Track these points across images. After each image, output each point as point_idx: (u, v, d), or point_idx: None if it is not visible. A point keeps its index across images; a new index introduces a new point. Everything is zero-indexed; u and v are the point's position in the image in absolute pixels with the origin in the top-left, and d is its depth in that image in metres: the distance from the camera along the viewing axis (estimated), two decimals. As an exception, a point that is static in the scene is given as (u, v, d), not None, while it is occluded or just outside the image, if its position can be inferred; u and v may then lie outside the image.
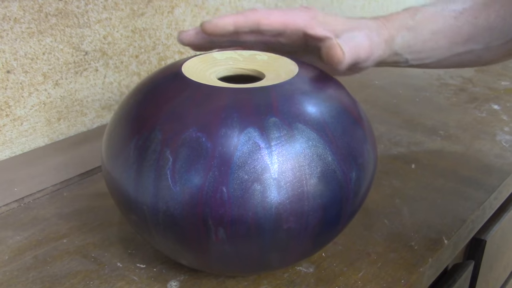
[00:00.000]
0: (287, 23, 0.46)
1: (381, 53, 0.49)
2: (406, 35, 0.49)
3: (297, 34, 0.47)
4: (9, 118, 0.64)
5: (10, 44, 0.61)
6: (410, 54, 0.50)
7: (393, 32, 0.49)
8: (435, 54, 0.51)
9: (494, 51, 0.51)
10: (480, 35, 0.50)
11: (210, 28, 0.47)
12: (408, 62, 0.51)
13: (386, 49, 0.49)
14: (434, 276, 0.50)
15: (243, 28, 0.47)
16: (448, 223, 0.52)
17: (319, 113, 0.39)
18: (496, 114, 0.77)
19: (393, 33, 0.49)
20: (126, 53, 0.74)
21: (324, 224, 0.39)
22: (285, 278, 0.45)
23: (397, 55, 0.50)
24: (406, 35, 0.49)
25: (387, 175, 0.61)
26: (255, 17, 0.46)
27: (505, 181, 0.60)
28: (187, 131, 0.36)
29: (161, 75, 0.43)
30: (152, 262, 0.47)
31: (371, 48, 0.47)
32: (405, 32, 0.49)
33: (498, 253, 0.72)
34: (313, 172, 0.37)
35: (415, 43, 0.50)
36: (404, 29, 0.49)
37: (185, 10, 0.80)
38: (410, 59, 0.51)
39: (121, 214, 0.47)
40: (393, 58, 0.51)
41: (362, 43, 0.46)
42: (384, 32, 0.49)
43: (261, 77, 0.44)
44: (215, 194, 0.35)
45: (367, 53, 0.47)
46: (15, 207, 0.55)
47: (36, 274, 0.46)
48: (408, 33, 0.49)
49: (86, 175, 0.61)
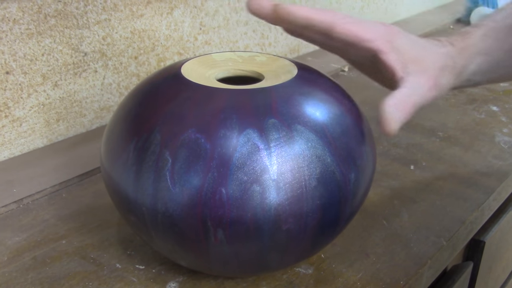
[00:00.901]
0: (362, 38, 0.42)
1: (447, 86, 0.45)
2: (480, 62, 0.46)
3: (368, 52, 0.43)
4: (8, 119, 0.64)
5: (9, 45, 0.62)
6: (482, 76, 0.47)
7: (464, 62, 0.45)
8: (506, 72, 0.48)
9: None
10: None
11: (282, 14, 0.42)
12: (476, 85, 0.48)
13: (457, 80, 0.46)
14: (433, 277, 0.50)
15: (314, 27, 0.42)
16: (447, 224, 0.52)
17: (318, 115, 0.39)
18: (495, 116, 0.77)
19: (464, 63, 0.45)
20: (125, 54, 0.74)
21: (323, 225, 0.39)
22: (284, 279, 0.45)
23: (468, 81, 0.47)
24: (480, 62, 0.46)
25: (386, 177, 0.61)
26: (331, 20, 0.41)
27: (504, 182, 0.60)
28: (186, 132, 0.36)
29: (160, 76, 0.43)
30: (151, 263, 0.47)
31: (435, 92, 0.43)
32: (478, 59, 0.46)
33: (497, 254, 0.72)
34: (312, 173, 0.37)
35: (489, 67, 0.46)
36: (477, 56, 0.46)
37: (184, 11, 0.80)
38: (480, 81, 0.48)
39: (120, 215, 0.47)
40: (461, 84, 0.47)
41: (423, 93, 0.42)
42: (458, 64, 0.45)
43: (260, 79, 0.44)
44: (214, 195, 0.35)
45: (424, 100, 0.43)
46: (14, 208, 0.55)
47: (35, 275, 0.46)
48: (482, 59, 0.46)
49: (85, 176, 0.61)
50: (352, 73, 0.95)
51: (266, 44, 0.97)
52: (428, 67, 0.43)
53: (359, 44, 0.42)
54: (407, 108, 0.41)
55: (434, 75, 0.43)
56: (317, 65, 0.95)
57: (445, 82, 0.44)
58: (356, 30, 0.41)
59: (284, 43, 1.01)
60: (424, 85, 0.42)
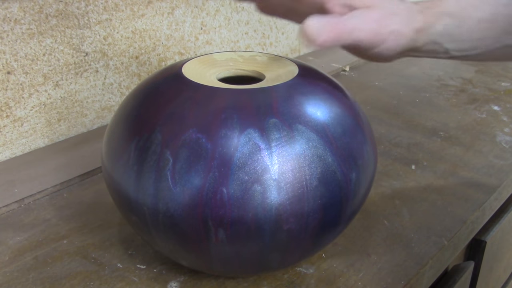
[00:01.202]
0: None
1: (405, 43, 0.44)
2: (448, 23, 0.44)
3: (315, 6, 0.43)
4: (10, 119, 0.64)
5: (10, 45, 0.62)
6: (452, 43, 0.46)
7: (432, 19, 0.44)
8: (481, 45, 0.46)
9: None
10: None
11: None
12: (449, 53, 0.47)
13: (419, 38, 0.44)
14: (434, 277, 0.50)
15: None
16: (448, 224, 0.52)
17: (319, 114, 0.39)
18: (496, 115, 0.77)
19: (432, 20, 0.44)
20: (126, 54, 0.74)
21: (324, 225, 0.39)
22: (285, 279, 0.45)
23: (435, 44, 0.45)
24: (448, 23, 0.44)
25: (387, 176, 0.61)
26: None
27: (505, 182, 0.60)
28: (187, 132, 0.37)
29: (161, 76, 0.43)
30: (152, 263, 0.47)
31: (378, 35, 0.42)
32: (447, 20, 0.45)
33: (498, 254, 0.72)
34: (313, 173, 0.37)
35: (459, 32, 0.45)
36: (446, 16, 0.45)
37: (185, 11, 0.80)
38: (451, 49, 0.46)
39: (121, 215, 0.47)
40: (430, 47, 0.46)
41: (362, 26, 0.41)
42: (417, 19, 0.44)
43: (261, 78, 0.44)
44: (215, 195, 0.35)
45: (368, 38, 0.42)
46: (15, 208, 0.55)
47: (36, 275, 0.46)
48: (450, 20, 0.45)
49: (86, 176, 0.61)
50: (353, 73, 0.95)
51: (267, 44, 0.97)
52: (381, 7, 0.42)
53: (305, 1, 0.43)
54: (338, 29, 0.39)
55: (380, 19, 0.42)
56: (318, 65, 0.95)
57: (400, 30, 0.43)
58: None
59: (285, 43, 1.01)
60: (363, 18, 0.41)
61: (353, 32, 0.40)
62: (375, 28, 0.42)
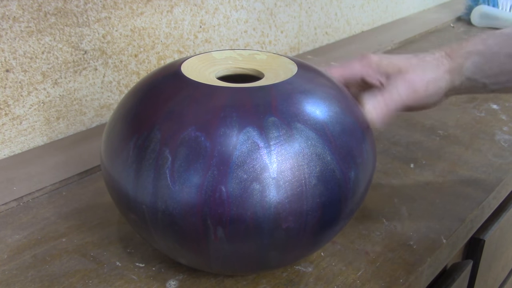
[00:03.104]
0: (346, 76, 0.50)
1: (444, 84, 0.49)
2: (476, 60, 0.48)
3: (358, 82, 0.50)
4: (8, 117, 0.64)
5: (9, 43, 0.61)
6: (487, 78, 0.49)
7: (460, 60, 0.49)
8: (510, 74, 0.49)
9: None
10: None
11: None
12: (487, 87, 0.50)
13: (454, 78, 0.49)
14: (433, 275, 0.50)
15: None
16: (446, 223, 0.52)
17: (318, 113, 0.39)
18: (495, 114, 0.77)
19: (460, 61, 0.49)
20: (125, 52, 0.74)
21: (323, 223, 0.39)
22: (284, 277, 0.45)
23: (471, 81, 0.49)
24: (477, 61, 0.48)
25: (385, 175, 0.61)
26: None
27: (504, 180, 0.60)
28: (186, 130, 0.36)
29: (160, 74, 0.43)
30: (151, 261, 0.47)
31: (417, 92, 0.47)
32: (475, 58, 0.49)
33: (496, 252, 0.72)
34: (312, 172, 0.37)
35: (490, 67, 0.49)
36: (473, 55, 0.49)
37: (184, 9, 0.80)
38: (488, 84, 0.50)
39: (120, 213, 0.47)
40: (468, 84, 0.49)
41: (403, 92, 0.47)
42: (445, 62, 0.49)
43: (260, 77, 0.44)
44: (214, 193, 0.35)
45: (412, 99, 0.47)
46: (14, 206, 0.55)
47: (35, 273, 0.46)
48: (479, 58, 0.48)
49: (85, 174, 0.61)
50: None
51: (266, 42, 0.97)
52: (407, 68, 0.48)
53: (349, 81, 0.50)
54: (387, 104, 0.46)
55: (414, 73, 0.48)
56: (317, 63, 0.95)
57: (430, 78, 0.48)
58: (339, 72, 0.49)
59: (284, 42, 1.01)
60: (400, 82, 0.47)
61: (398, 102, 0.47)
62: (414, 89, 0.47)
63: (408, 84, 0.47)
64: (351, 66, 0.50)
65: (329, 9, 1.08)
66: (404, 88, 0.47)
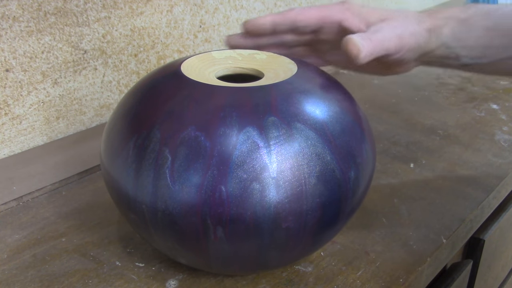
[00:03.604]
0: (323, 17, 0.47)
1: (423, 42, 0.47)
2: (456, 26, 0.47)
3: (334, 28, 0.47)
4: (8, 117, 0.64)
5: (9, 43, 0.61)
6: (462, 49, 0.48)
7: (439, 22, 0.47)
8: (491, 53, 0.48)
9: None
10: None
11: (250, 27, 0.49)
12: (460, 59, 0.49)
13: (432, 39, 0.47)
14: (433, 275, 0.50)
15: (281, 26, 0.48)
16: (446, 223, 0.52)
17: (318, 112, 0.39)
18: (495, 114, 0.77)
19: (440, 23, 0.47)
20: (125, 52, 0.74)
21: (322, 223, 0.39)
22: (284, 277, 0.45)
23: (446, 48, 0.48)
24: (456, 27, 0.47)
25: (385, 175, 0.61)
26: (291, 15, 0.47)
27: (503, 180, 0.60)
28: (185, 130, 0.36)
29: (160, 74, 0.43)
30: (151, 261, 0.47)
31: (402, 38, 0.46)
32: (454, 24, 0.47)
33: (496, 252, 0.72)
34: (311, 171, 0.37)
35: (467, 37, 0.47)
36: (453, 20, 0.47)
37: (184, 9, 0.80)
38: (462, 55, 0.48)
39: (120, 213, 0.47)
40: (443, 51, 0.48)
41: (388, 35, 0.45)
42: (426, 21, 0.47)
43: (260, 76, 0.44)
44: (214, 193, 0.35)
45: (395, 44, 0.45)
46: (14, 206, 0.55)
47: (35, 272, 0.46)
48: (458, 25, 0.47)
49: (85, 174, 0.61)
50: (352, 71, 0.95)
51: (266, 42, 0.97)
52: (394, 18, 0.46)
53: (324, 24, 0.47)
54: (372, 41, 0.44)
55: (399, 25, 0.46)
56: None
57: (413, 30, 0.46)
58: (316, 13, 0.47)
59: (284, 41, 1.01)
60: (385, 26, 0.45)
61: (383, 43, 0.44)
62: (398, 34, 0.45)
63: (393, 29, 0.45)
64: (330, 8, 0.48)
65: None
66: (389, 31, 0.45)
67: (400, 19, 0.47)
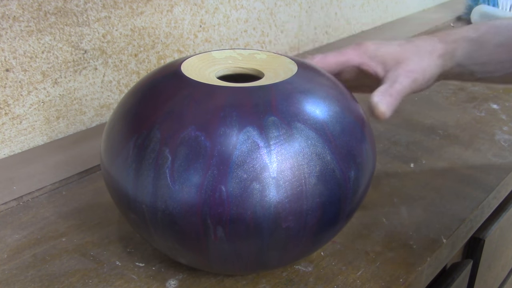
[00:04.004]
0: (342, 63, 0.50)
1: (437, 70, 0.50)
2: (468, 47, 0.50)
3: (353, 72, 0.51)
4: (8, 117, 0.64)
5: (9, 43, 0.61)
6: (475, 66, 0.51)
7: (451, 46, 0.50)
8: (503, 68, 0.51)
9: None
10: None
11: None
12: (474, 75, 0.51)
13: (446, 63, 0.50)
14: (433, 275, 0.50)
15: None
16: (446, 222, 0.52)
17: (318, 112, 0.39)
18: (495, 114, 0.77)
19: (452, 46, 0.50)
20: (125, 51, 0.74)
21: (322, 223, 0.39)
22: (284, 277, 0.45)
23: (461, 67, 0.51)
24: (468, 47, 0.50)
25: (385, 174, 0.61)
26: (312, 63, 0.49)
27: (503, 180, 0.60)
28: (186, 130, 0.36)
29: (160, 74, 0.43)
30: (151, 261, 0.47)
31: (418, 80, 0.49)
32: (466, 44, 0.50)
33: (496, 252, 0.72)
34: (312, 171, 0.37)
35: (480, 55, 0.50)
36: (465, 41, 0.50)
37: (184, 9, 0.80)
38: (476, 72, 0.51)
39: (120, 212, 0.47)
40: (457, 70, 0.51)
41: (406, 83, 0.48)
42: (438, 47, 0.50)
43: (260, 76, 0.44)
44: (214, 193, 0.35)
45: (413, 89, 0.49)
46: (14, 205, 0.55)
47: (35, 272, 0.46)
48: (470, 45, 0.50)
49: (85, 174, 0.61)
50: (352, 71, 0.95)
51: (266, 41, 0.97)
52: (404, 58, 0.49)
53: (344, 69, 0.50)
54: (393, 95, 0.47)
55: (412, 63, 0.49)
56: (317, 63, 0.94)
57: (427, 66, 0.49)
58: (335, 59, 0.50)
59: (284, 41, 1.01)
60: (401, 74, 0.48)
61: (403, 92, 0.48)
62: (415, 79, 0.49)
63: (409, 74, 0.48)
64: (347, 53, 0.51)
65: (329, 8, 1.08)
66: (405, 79, 0.48)
67: (414, 58, 0.49)
